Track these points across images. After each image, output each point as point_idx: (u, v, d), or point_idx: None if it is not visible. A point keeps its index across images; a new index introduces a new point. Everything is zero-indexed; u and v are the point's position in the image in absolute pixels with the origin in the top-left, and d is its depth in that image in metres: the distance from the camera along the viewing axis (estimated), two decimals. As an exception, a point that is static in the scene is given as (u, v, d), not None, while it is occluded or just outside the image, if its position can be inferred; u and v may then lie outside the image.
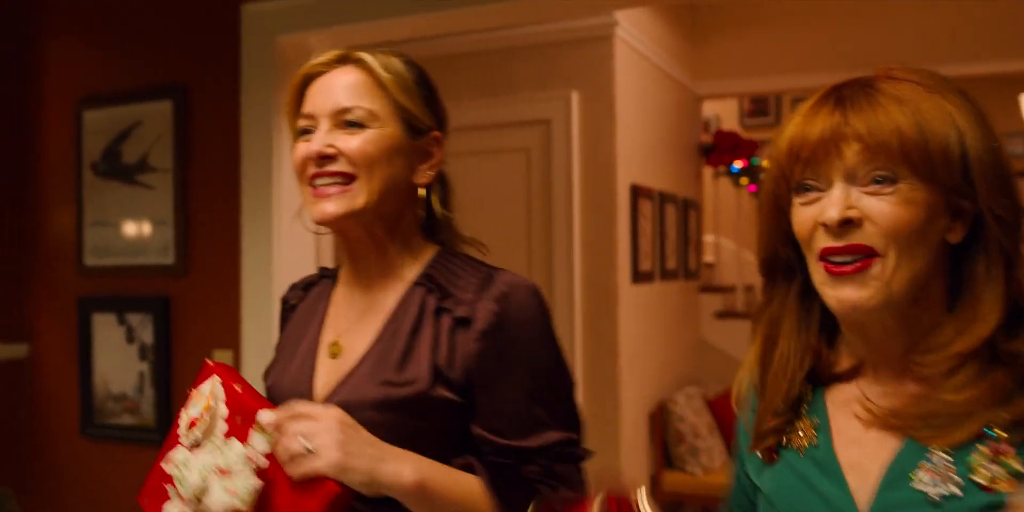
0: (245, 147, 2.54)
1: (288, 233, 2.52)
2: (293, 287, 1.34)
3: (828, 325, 0.97)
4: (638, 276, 4.00)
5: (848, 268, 0.86)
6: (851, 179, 0.86)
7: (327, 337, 1.19)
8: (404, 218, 1.18)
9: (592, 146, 3.78)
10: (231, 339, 2.55)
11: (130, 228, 2.73)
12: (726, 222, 6.00)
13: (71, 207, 2.85)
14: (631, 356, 3.88)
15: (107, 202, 2.77)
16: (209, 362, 1.08)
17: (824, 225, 0.86)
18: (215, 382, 1.05)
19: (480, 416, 1.09)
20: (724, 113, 6.72)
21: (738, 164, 5.34)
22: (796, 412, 0.96)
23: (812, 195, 0.88)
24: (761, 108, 6.73)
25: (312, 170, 1.12)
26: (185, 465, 0.98)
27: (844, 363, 0.97)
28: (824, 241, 0.87)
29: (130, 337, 2.71)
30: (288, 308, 1.32)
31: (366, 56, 1.15)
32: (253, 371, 2.48)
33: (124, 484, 2.74)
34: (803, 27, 4.71)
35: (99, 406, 2.77)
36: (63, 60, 2.91)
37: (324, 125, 1.12)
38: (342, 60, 1.16)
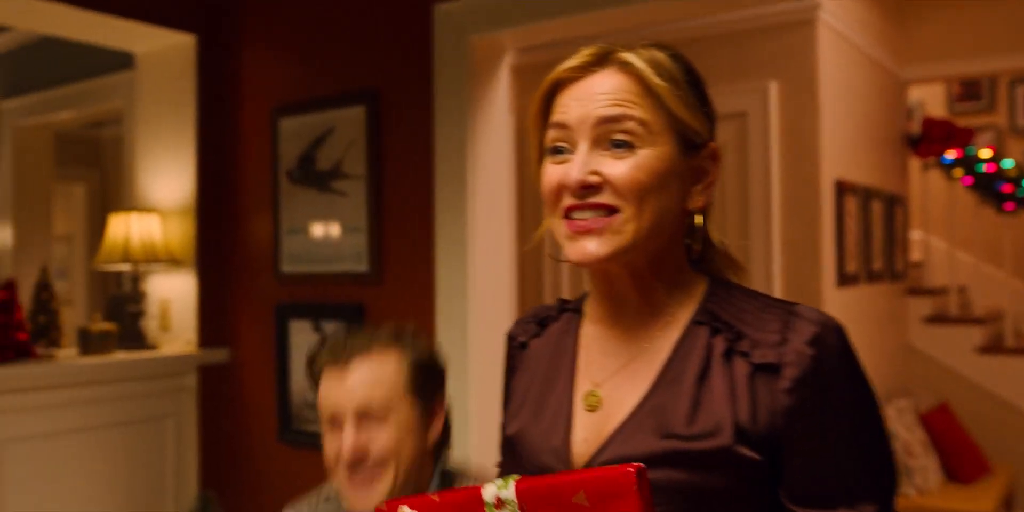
0: (438, 151, 2.46)
1: (483, 241, 2.43)
2: (522, 322, 1.16)
3: None
4: (844, 279, 3.70)
5: None
6: None
7: (581, 386, 1.01)
8: (671, 249, 0.99)
9: (793, 140, 3.51)
10: (424, 349, 2.48)
11: (324, 235, 2.73)
12: (936, 218, 5.48)
13: (268, 214, 2.89)
14: (837, 366, 3.58)
15: (302, 209, 2.79)
16: (380, 508, 0.93)
17: None
18: None
19: (792, 483, 0.90)
20: (929, 98, 6.15)
21: (951, 155, 4.85)
22: None
23: None
24: (973, 92, 6.11)
25: (568, 201, 0.93)
26: None
27: None
28: None
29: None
30: (517, 345, 1.14)
31: (631, 57, 0.95)
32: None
33: (321, 492, 2.74)
34: (1027, 0, 4.22)
35: (296, 412, 2.79)
36: (259, 69, 2.95)
37: (583, 144, 0.93)
38: (600, 61, 0.96)
